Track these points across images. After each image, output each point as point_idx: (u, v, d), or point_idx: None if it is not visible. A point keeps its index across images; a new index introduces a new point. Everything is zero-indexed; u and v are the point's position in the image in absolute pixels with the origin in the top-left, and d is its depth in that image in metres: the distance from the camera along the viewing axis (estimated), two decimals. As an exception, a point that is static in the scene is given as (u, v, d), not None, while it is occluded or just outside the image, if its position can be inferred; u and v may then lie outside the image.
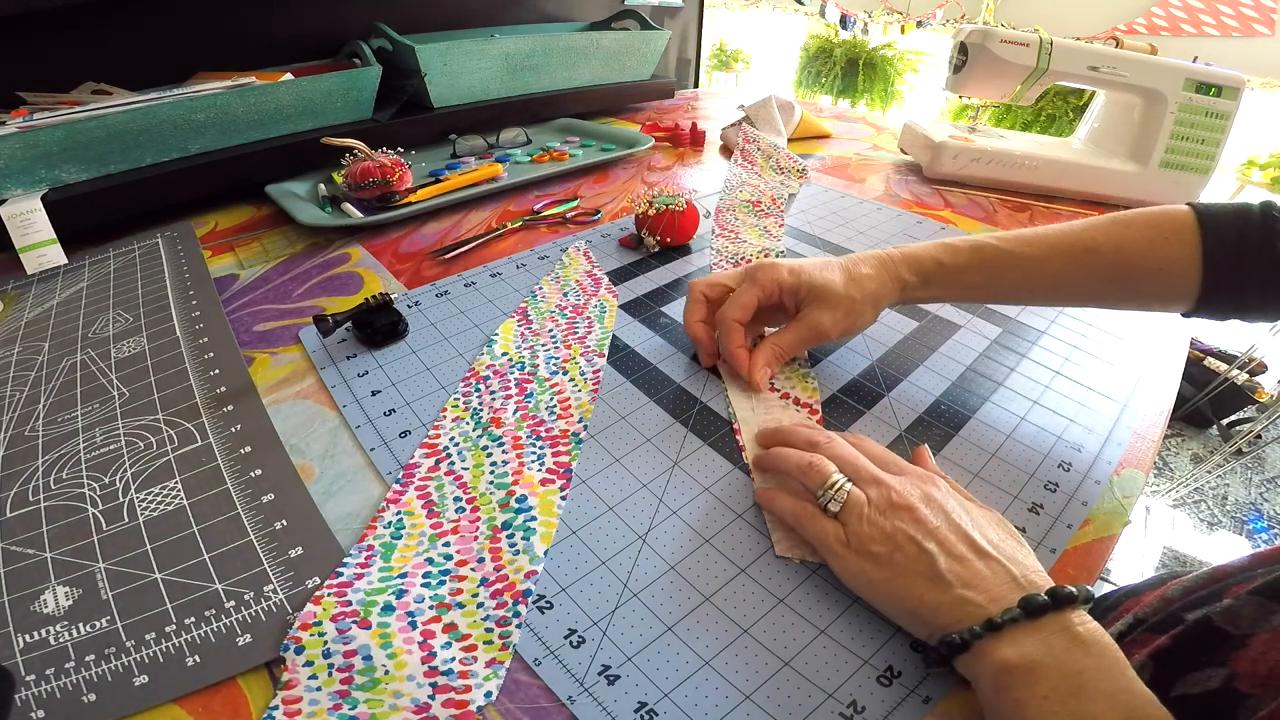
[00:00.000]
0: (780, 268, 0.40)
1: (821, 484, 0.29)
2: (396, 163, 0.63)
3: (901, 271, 0.40)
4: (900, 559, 0.26)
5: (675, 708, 0.25)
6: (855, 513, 0.28)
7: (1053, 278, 0.38)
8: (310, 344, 0.46)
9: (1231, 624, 0.26)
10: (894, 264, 0.40)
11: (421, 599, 0.28)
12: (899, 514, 0.27)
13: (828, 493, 0.29)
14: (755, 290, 0.39)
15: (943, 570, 0.25)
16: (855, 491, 0.29)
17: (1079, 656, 0.22)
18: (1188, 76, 0.68)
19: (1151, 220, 0.37)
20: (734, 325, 0.40)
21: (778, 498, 0.32)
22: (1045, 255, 0.38)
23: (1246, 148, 2.73)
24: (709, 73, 4.24)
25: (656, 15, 1.14)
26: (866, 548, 0.27)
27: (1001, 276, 0.39)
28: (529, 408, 0.39)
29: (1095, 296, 0.39)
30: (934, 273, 0.40)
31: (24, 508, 0.33)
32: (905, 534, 0.27)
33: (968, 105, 2.03)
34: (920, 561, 0.26)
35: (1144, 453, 0.38)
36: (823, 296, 0.39)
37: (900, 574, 0.26)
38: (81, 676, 0.25)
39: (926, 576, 0.25)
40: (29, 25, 0.62)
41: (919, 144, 0.80)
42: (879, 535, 0.27)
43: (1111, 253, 0.37)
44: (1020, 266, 0.38)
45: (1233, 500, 1.70)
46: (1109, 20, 3.33)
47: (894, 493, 0.28)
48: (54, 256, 0.57)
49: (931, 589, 0.25)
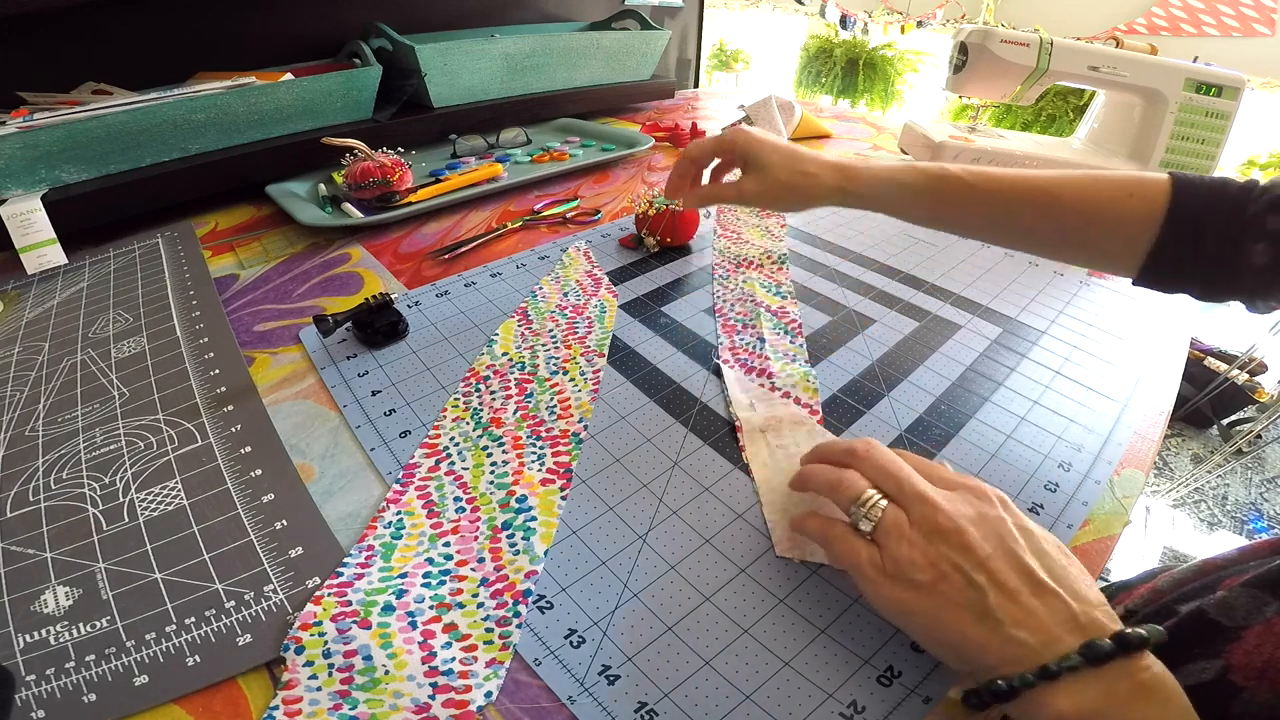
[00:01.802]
0: (749, 134, 0.44)
1: (854, 500, 0.26)
2: (396, 163, 0.63)
3: (849, 184, 0.41)
4: (945, 589, 0.23)
5: (675, 708, 0.25)
6: (893, 533, 0.25)
7: (1012, 215, 0.38)
8: (310, 344, 0.46)
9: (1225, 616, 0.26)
10: (846, 173, 0.41)
11: (422, 599, 0.28)
12: (946, 537, 0.24)
13: (859, 510, 0.26)
14: (718, 141, 0.45)
15: (992, 606, 0.22)
16: (891, 509, 0.26)
17: (1143, 708, 0.20)
18: (1188, 76, 0.68)
19: (1126, 181, 0.36)
20: (686, 162, 0.45)
21: (806, 518, 0.29)
22: (1007, 192, 0.37)
23: (1246, 148, 2.73)
24: (709, 73, 4.24)
25: (656, 15, 1.14)
26: (905, 574, 0.24)
27: (960, 205, 0.39)
28: (529, 408, 0.39)
29: (1045, 243, 0.39)
30: (888, 191, 0.40)
31: (24, 508, 0.33)
32: (952, 561, 0.23)
33: (968, 105, 2.03)
34: (967, 594, 0.23)
35: (1144, 453, 0.38)
36: (759, 168, 0.43)
37: (943, 606, 0.23)
38: (82, 676, 0.25)
39: (973, 611, 0.22)
40: (29, 25, 0.62)
41: (919, 144, 0.80)
42: (921, 561, 0.24)
43: (1073, 201, 0.36)
44: (982, 203, 0.38)
45: (1233, 500, 1.70)
46: (1109, 20, 3.32)
47: (941, 513, 0.24)
48: (54, 256, 0.57)
49: (978, 625, 0.22)
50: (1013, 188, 0.37)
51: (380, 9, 0.84)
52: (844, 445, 0.30)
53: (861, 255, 0.59)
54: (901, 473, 0.26)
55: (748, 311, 0.49)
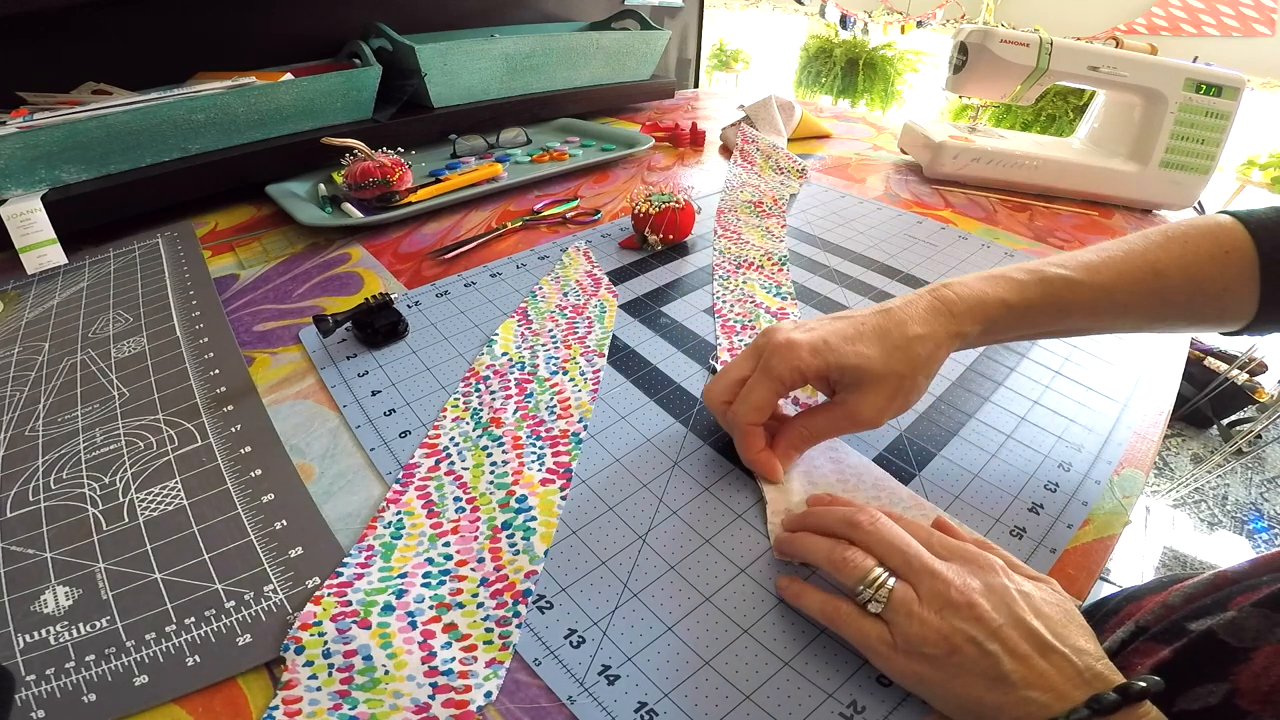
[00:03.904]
0: (799, 348, 0.32)
1: (860, 580, 0.26)
2: (396, 163, 0.63)
3: (962, 324, 0.33)
4: (958, 661, 0.23)
5: (675, 708, 0.25)
6: (901, 611, 0.25)
7: (1120, 307, 0.34)
8: (310, 344, 0.46)
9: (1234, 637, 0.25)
10: (951, 314, 0.33)
11: (421, 599, 0.28)
12: (958, 612, 0.24)
13: (867, 590, 0.26)
14: (772, 385, 0.32)
15: (1006, 671, 0.23)
16: (900, 587, 0.25)
17: None
18: (1188, 76, 0.68)
19: (1208, 234, 0.33)
20: (749, 430, 0.33)
21: (804, 593, 0.28)
22: (1113, 283, 0.34)
23: (1246, 148, 2.73)
24: (709, 73, 4.24)
25: (656, 15, 1.14)
26: (918, 649, 0.24)
27: (1069, 313, 0.34)
28: (529, 408, 0.39)
29: (1157, 321, 0.35)
30: (1000, 318, 0.34)
31: (24, 508, 0.33)
32: (965, 634, 0.23)
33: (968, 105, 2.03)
34: (981, 663, 0.23)
35: (1144, 453, 0.38)
36: (860, 379, 0.32)
37: (956, 675, 0.23)
38: (81, 676, 0.25)
39: (987, 678, 0.23)
40: (29, 25, 0.62)
41: (919, 144, 0.80)
42: (933, 636, 0.24)
43: (1179, 275, 0.33)
44: (1088, 299, 0.34)
45: (1233, 500, 1.70)
46: (1109, 20, 3.33)
47: (953, 588, 0.24)
48: (54, 256, 0.57)
49: (992, 690, 0.23)
50: (1120, 273, 0.34)
51: (380, 9, 0.84)
52: (842, 516, 0.28)
53: (861, 255, 0.59)
54: (909, 548, 0.26)
55: (747, 313, 0.49)
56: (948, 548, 0.27)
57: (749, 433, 0.33)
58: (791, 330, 0.33)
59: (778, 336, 0.33)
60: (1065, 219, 0.70)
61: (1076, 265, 0.34)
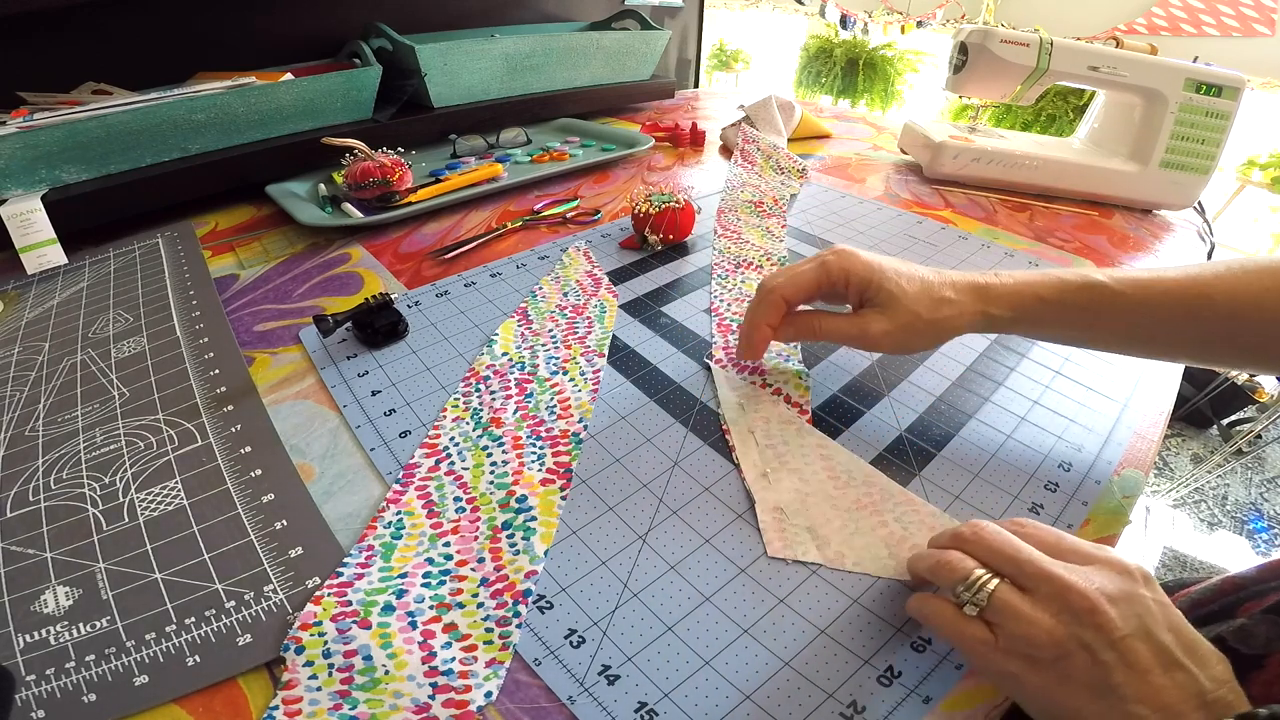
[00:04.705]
0: (858, 257, 0.36)
1: (959, 581, 0.25)
2: (396, 163, 0.63)
3: (992, 306, 0.35)
4: (1065, 666, 0.22)
5: (675, 708, 0.25)
6: (1006, 613, 0.23)
7: (1159, 325, 0.34)
8: (310, 344, 0.46)
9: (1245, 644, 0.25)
10: (985, 295, 0.35)
11: (421, 599, 0.28)
12: (1079, 616, 0.22)
13: (964, 593, 0.25)
14: (820, 273, 0.36)
15: (1116, 683, 0.21)
16: (1002, 588, 0.24)
17: None
18: (1188, 76, 0.68)
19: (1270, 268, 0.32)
20: (777, 301, 0.36)
21: (925, 601, 0.27)
22: (1157, 300, 0.34)
23: (1246, 148, 2.73)
24: (709, 73, 4.24)
25: (656, 15, 1.14)
26: (1023, 651, 0.23)
27: (1105, 321, 0.35)
28: (529, 408, 0.39)
29: (1199, 349, 0.35)
30: (1032, 308, 0.35)
31: (24, 508, 0.33)
32: (1080, 640, 0.22)
33: (968, 105, 2.03)
34: (1090, 672, 0.22)
35: (1144, 453, 0.38)
36: (886, 303, 0.35)
37: (1062, 682, 0.22)
38: (81, 676, 0.25)
39: (1094, 688, 0.22)
40: (29, 25, 0.62)
41: (919, 144, 0.80)
42: (1044, 639, 0.22)
43: (1225, 299, 0.32)
44: (1128, 312, 0.34)
45: (1233, 500, 1.70)
46: (1109, 20, 3.33)
47: (1074, 591, 0.23)
48: (54, 256, 0.57)
49: (1096, 700, 0.22)
50: (1165, 292, 0.34)
51: (380, 9, 0.84)
52: (950, 531, 0.28)
53: (861, 255, 0.59)
54: (1020, 553, 0.25)
55: (744, 312, 0.49)
56: (1080, 553, 0.25)
57: (774, 303, 0.37)
58: (860, 249, 0.37)
59: (847, 247, 0.37)
60: (1065, 219, 0.70)
61: (1127, 280, 0.34)
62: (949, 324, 0.35)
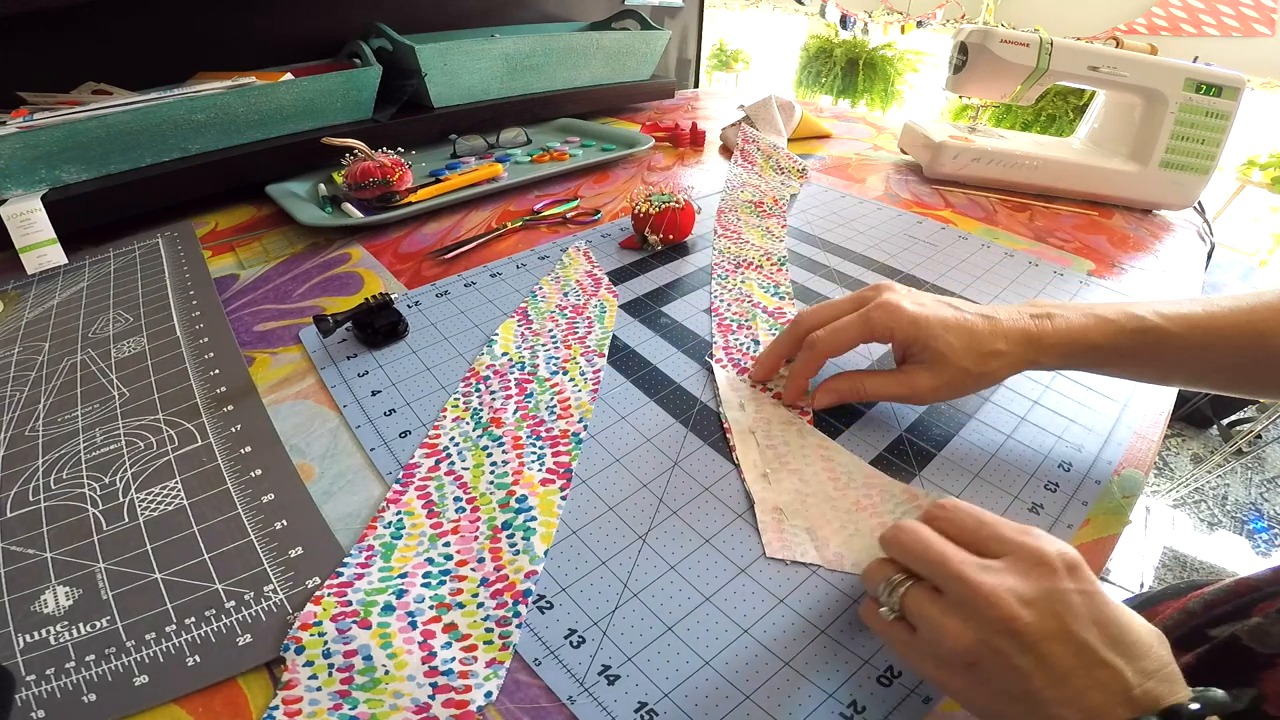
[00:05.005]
0: (903, 314, 0.35)
1: (878, 584, 0.25)
2: (396, 163, 0.63)
3: (1043, 356, 0.35)
4: (979, 674, 0.22)
5: (675, 708, 0.25)
6: (919, 617, 0.23)
7: (1212, 366, 0.34)
8: (310, 344, 0.46)
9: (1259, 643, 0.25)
10: (1039, 346, 0.35)
11: (421, 599, 0.28)
12: (989, 623, 0.22)
13: (883, 595, 0.25)
14: (863, 330, 0.36)
15: (1034, 689, 0.21)
16: (914, 593, 0.24)
17: None
18: (1188, 76, 0.68)
19: None
20: (820, 357, 0.36)
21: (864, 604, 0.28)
22: (1210, 342, 0.33)
23: (1246, 148, 2.74)
24: (709, 73, 4.24)
25: (656, 15, 1.14)
26: (937, 656, 0.23)
27: (1155, 362, 0.34)
28: (529, 408, 0.39)
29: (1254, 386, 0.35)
30: (1082, 355, 0.35)
31: (24, 508, 0.33)
32: (990, 646, 0.21)
33: (968, 105, 2.03)
34: (1006, 678, 0.21)
35: (1144, 453, 0.38)
36: (933, 360, 0.35)
37: (978, 685, 0.22)
38: (81, 676, 0.25)
39: (1011, 694, 0.21)
40: (29, 25, 0.62)
41: (919, 144, 0.80)
42: (953, 646, 0.22)
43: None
44: (1181, 353, 0.34)
45: (1233, 500, 1.70)
46: (1109, 20, 3.33)
47: (981, 596, 0.22)
48: (54, 256, 0.57)
49: (1015, 705, 0.21)
50: (1218, 330, 0.33)
51: (380, 9, 0.84)
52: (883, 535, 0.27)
53: (861, 255, 0.59)
54: (931, 552, 0.24)
55: (744, 312, 0.49)
56: (1003, 541, 0.24)
57: (817, 360, 0.37)
58: (904, 297, 0.36)
59: (890, 297, 0.36)
60: (1065, 219, 0.70)
61: (1179, 320, 0.34)
62: (997, 375, 0.35)
